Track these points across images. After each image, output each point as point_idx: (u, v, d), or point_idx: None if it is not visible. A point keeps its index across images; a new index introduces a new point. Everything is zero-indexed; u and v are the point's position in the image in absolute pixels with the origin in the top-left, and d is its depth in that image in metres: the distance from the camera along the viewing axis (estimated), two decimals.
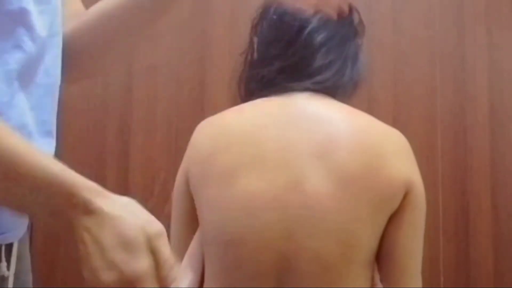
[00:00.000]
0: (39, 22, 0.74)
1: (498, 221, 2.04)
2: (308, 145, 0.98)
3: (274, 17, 1.10)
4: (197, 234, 1.08)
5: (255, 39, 1.14)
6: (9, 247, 0.76)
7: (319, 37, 1.05)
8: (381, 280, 1.02)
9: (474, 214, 2.05)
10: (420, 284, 1.03)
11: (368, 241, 0.97)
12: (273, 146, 0.99)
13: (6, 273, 0.73)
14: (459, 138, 2.08)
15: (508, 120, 2.10)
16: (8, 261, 0.75)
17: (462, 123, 2.09)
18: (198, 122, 1.13)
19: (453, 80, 2.11)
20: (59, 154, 2.23)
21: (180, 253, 1.10)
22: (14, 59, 0.72)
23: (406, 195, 0.99)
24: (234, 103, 1.16)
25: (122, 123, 2.10)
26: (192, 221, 1.07)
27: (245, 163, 0.99)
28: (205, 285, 1.04)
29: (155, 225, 0.64)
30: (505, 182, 2.06)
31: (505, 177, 2.07)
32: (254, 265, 0.97)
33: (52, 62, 0.78)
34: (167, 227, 1.16)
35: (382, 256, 1.00)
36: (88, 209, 0.62)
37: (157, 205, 2.05)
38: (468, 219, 2.05)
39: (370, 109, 1.12)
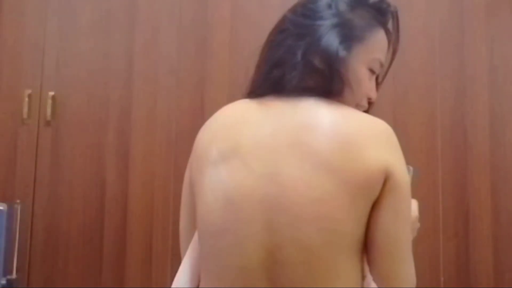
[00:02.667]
0: None
1: (498, 221, 2.04)
2: (285, 135, 1.00)
3: (269, 37, 1.14)
4: (193, 238, 1.11)
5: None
6: None
7: (265, 51, 1.10)
8: (370, 269, 1.02)
9: (474, 214, 2.05)
10: (408, 269, 1.01)
11: (351, 228, 0.97)
12: (250, 139, 1.02)
13: None
14: (459, 138, 2.08)
15: (508, 120, 2.10)
16: None
17: (462, 123, 2.09)
18: (198, 122, 1.17)
19: (453, 81, 2.11)
20: (60, 155, 2.23)
21: (186, 245, 1.13)
22: None
23: (385, 182, 0.97)
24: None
25: (122, 123, 2.10)
26: (196, 214, 1.10)
27: (226, 156, 1.02)
28: (201, 277, 1.06)
29: None
30: (505, 182, 2.06)
31: (505, 177, 2.07)
32: (239, 258, 0.98)
33: None
34: (169, 227, 1.17)
35: (367, 244, 1.00)
36: None
37: (157, 205, 2.05)
38: (468, 219, 2.05)
39: (370, 111, 1.12)
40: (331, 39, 1.05)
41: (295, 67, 1.05)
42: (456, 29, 2.14)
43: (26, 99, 2.09)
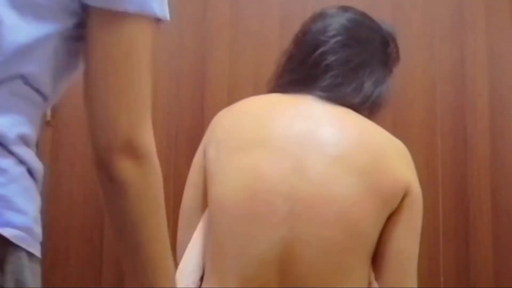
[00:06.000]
0: None
1: (498, 221, 2.04)
2: (317, 136, 1.02)
3: (300, 34, 1.17)
4: (201, 224, 1.10)
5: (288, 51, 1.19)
6: None
7: (330, 59, 1.10)
8: (376, 279, 1.03)
9: (474, 214, 2.05)
10: (415, 281, 1.03)
11: (369, 234, 0.99)
12: (282, 132, 1.03)
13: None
14: (459, 138, 2.08)
15: (508, 120, 2.10)
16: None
17: (462, 124, 2.09)
18: (198, 122, 1.19)
19: (453, 81, 2.11)
20: (60, 155, 2.23)
21: (190, 223, 1.13)
22: None
23: (404, 197, 1.01)
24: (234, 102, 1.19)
25: None
26: (202, 196, 1.10)
27: (254, 144, 1.03)
28: (208, 260, 1.06)
29: None
30: (505, 182, 2.06)
31: (505, 177, 2.07)
32: (255, 247, 0.98)
33: None
34: (169, 228, 1.17)
35: (377, 254, 1.02)
36: None
37: None
38: (468, 219, 2.05)
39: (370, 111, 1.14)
40: (383, 75, 1.17)
41: (349, 84, 1.09)
42: (456, 29, 2.14)
43: None
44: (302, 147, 1.00)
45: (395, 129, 1.07)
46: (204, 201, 1.10)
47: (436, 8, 2.15)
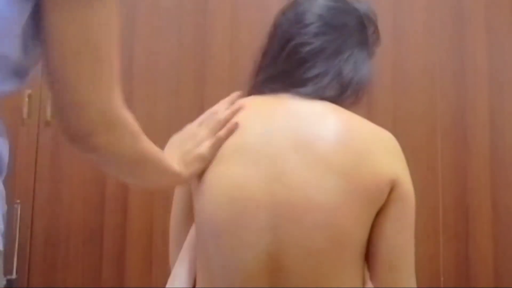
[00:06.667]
0: None
1: (498, 221, 2.04)
2: (293, 138, 0.97)
3: (272, 28, 1.12)
4: (189, 236, 1.08)
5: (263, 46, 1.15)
6: None
7: (303, 51, 1.05)
8: (370, 278, 1.01)
9: (474, 214, 2.05)
10: (413, 280, 1.00)
11: (357, 236, 0.95)
12: (256, 137, 0.99)
13: None
14: (459, 139, 2.08)
15: (508, 120, 2.10)
16: None
17: (462, 124, 2.09)
18: None
19: (453, 81, 2.11)
20: (60, 155, 2.21)
21: (178, 241, 1.11)
22: None
23: (392, 191, 0.97)
24: None
25: None
26: (191, 210, 1.07)
27: (232, 152, 0.99)
28: (199, 277, 1.03)
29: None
30: (505, 181, 2.06)
31: (505, 177, 2.07)
32: (240, 261, 0.95)
33: None
34: (169, 227, 1.17)
35: (370, 253, 0.98)
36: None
37: (157, 205, 2.05)
38: (468, 219, 2.05)
39: (370, 111, 1.11)
40: (363, 57, 1.10)
41: (326, 73, 1.04)
42: (456, 29, 2.14)
43: (26, 99, 2.09)
44: (282, 150, 0.96)
45: (395, 129, 1.04)
46: (193, 216, 1.07)
47: (436, 8, 2.15)
